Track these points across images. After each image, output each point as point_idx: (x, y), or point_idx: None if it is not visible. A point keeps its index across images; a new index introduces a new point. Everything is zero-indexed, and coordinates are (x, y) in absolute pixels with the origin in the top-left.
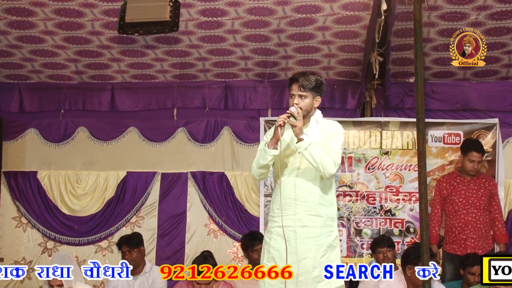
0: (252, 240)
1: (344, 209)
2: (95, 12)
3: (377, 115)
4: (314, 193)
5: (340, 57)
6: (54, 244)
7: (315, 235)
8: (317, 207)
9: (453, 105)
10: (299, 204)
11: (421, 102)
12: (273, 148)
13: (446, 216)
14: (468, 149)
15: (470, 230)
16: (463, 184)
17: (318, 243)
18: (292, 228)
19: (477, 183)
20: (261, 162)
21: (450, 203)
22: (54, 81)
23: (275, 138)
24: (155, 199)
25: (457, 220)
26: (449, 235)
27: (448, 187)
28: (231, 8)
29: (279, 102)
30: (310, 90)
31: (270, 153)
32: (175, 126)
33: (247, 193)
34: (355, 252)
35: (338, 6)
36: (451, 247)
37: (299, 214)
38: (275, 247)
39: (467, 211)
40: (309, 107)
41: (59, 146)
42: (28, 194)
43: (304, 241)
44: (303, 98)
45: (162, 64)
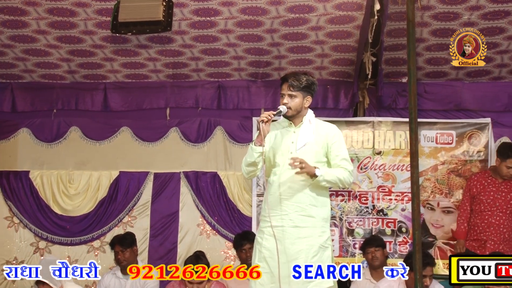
0: (241, 240)
1: (336, 208)
2: (88, 12)
3: (370, 115)
4: (306, 194)
5: (333, 57)
6: (46, 244)
7: (306, 236)
8: (308, 207)
9: (445, 105)
10: (291, 205)
11: (413, 102)
12: (259, 145)
13: (471, 214)
14: (507, 155)
15: (491, 232)
16: (493, 185)
17: (310, 244)
18: (284, 228)
19: (507, 187)
20: (248, 159)
21: (477, 202)
22: (46, 81)
23: (261, 134)
24: (148, 199)
25: (481, 220)
26: (471, 233)
27: (478, 186)
28: (224, 7)
29: (272, 102)
30: (300, 90)
31: (256, 150)
32: (168, 126)
33: (240, 193)
34: (348, 252)
35: (331, 6)
36: (471, 244)
37: (291, 214)
38: (267, 247)
39: (492, 213)
40: (299, 107)
41: (51, 145)
42: (20, 194)
43: (295, 241)
44: (293, 97)
45: (155, 63)
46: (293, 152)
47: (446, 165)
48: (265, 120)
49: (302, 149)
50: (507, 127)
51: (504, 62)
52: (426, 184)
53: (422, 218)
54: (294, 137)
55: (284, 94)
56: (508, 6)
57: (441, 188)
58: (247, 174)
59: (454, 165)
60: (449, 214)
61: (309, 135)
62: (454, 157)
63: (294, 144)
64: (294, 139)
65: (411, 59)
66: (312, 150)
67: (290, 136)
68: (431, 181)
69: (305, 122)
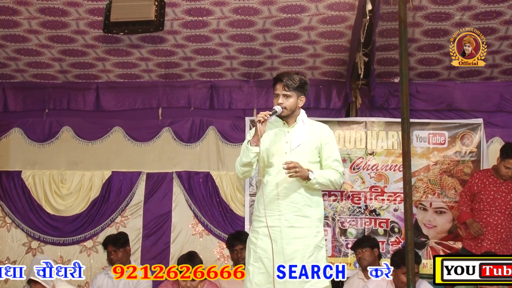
0: (233, 240)
1: (329, 208)
2: (80, 11)
3: (362, 115)
4: (301, 194)
5: (325, 57)
6: (38, 244)
7: (302, 236)
8: (304, 208)
9: (437, 105)
10: (286, 205)
11: (406, 102)
12: (256, 145)
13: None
14: (506, 155)
15: (489, 231)
16: (494, 185)
17: (305, 244)
18: (279, 229)
19: (508, 187)
20: (244, 160)
21: (477, 201)
22: (38, 80)
23: (257, 134)
24: (140, 199)
25: (479, 219)
26: (468, 232)
27: (479, 185)
28: (216, 7)
29: (264, 101)
30: (294, 89)
31: (252, 150)
32: (160, 125)
33: (233, 192)
34: (340, 251)
35: (323, 6)
36: (468, 244)
37: (286, 215)
38: (262, 247)
39: (490, 212)
40: (293, 107)
41: (43, 145)
42: (12, 194)
43: (291, 241)
44: (288, 97)
45: (147, 63)
46: (288, 153)
47: (438, 166)
48: (262, 120)
49: (297, 149)
50: (499, 127)
51: (496, 62)
52: (419, 185)
53: (415, 218)
54: (288, 137)
55: (279, 94)
56: (500, 7)
57: (434, 189)
58: (242, 174)
59: (447, 165)
60: (442, 214)
61: (303, 135)
62: (447, 158)
63: (289, 144)
64: (288, 139)
65: (403, 59)
66: (306, 150)
67: (284, 136)
68: (424, 182)
69: (299, 122)
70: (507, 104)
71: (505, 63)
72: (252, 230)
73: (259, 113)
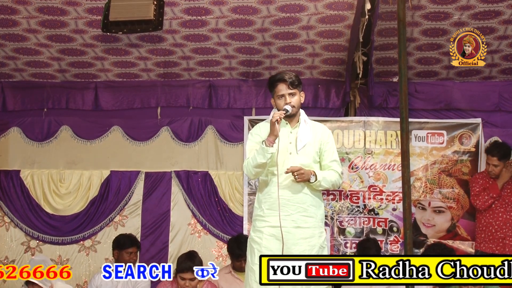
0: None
1: (327, 208)
2: (79, 10)
3: (361, 115)
4: (306, 194)
5: (324, 56)
6: (37, 243)
7: (308, 236)
8: (309, 208)
9: (436, 105)
10: (293, 205)
11: (404, 102)
12: (271, 146)
13: (479, 214)
14: (490, 153)
15: (508, 228)
16: (495, 185)
17: (311, 244)
18: (287, 229)
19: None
20: (260, 161)
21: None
22: (37, 80)
23: (273, 135)
24: (139, 198)
25: (494, 219)
26: (485, 233)
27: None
28: (215, 7)
29: (263, 101)
30: (297, 86)
31: (268, 151)
32: (159, 125)
33: (231, 192)
34: (339, 251)
35: (322, 5)
36: (488, 246)
37: (293, 215)
38: (268, 247)
39: (505, 209)
40: (299, 104)
41: (42, 145)
42: (11, 193)
43: (298, 241)
44: (293, 95)
45: (146, 62)
46: (293, 153)
47: (437, 165)
48: (279, 120)
49: (302, 150)
50: (497, 127)
51: (494, 61)
52: (417, 184)
53: (413, 218)
54: (292, 137)
55: (284, 95)
56: (498, 6)
57: (432, 188)
58: (254, 176)
59: (445, 165)
60: (440, 213)
61: (308, 136)
62: (445, 157)
63: (293, 145)
64: (292, 139)
65: (402, 59)
66: (310, 151)
67: (288, 136)
68: (422, 181)
69: (302, 122)
70: (506, 104)
71: (504, 63)
72: (254, 230)
73: (274, 113)
